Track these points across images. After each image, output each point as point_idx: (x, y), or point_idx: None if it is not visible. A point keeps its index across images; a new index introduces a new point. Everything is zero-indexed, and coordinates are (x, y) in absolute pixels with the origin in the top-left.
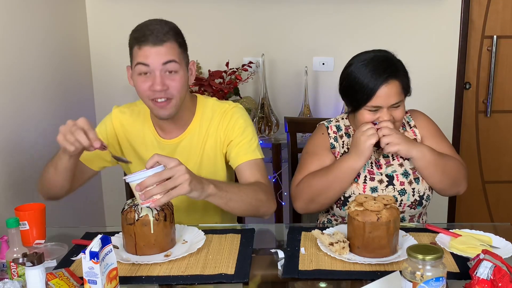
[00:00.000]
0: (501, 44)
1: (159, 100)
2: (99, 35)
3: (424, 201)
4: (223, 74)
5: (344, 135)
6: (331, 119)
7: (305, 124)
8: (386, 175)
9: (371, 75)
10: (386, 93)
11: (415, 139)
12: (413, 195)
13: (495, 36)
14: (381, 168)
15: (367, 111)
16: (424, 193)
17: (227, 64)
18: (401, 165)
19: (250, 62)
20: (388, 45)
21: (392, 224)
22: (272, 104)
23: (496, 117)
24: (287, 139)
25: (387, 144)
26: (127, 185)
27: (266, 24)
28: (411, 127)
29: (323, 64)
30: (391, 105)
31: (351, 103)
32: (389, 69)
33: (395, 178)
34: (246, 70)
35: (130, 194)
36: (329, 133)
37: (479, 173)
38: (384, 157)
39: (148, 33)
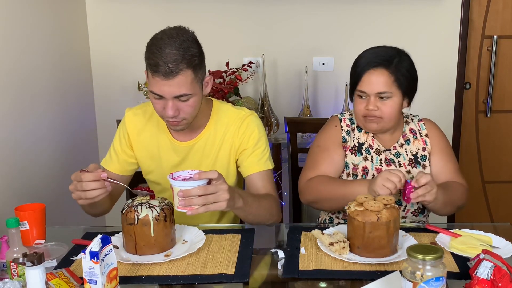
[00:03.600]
0: (501, 44)
1: (171, 120)
2: (99, 35)
3: (426, 211)
4: (223, 74)
5: (356, 129)
6: (344, 112)
7: (305, 124)
8: None
9: (365, 59)
10: (371, 79)
11: (424, 148)
12: (417, 203)
13: (495, 36)
14: (390, 165)
15: (358, 98)
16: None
17: (227, 64)
18: (408, 172)
19: (250, 62)
20: (388, 45)
21: (392, 224)
22: (272, 104)
23: (496, 117)
24: (287, 139)
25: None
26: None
27: (266, 24)
28: (421, 136)
29: (323, 64)
30: (376, 92)
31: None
32: (382, 58)
33: None
34: (246, 70)
35: (130, 194)
36: (342, 126)
37: (479, 173)
38: (391, 161)
39: (161, 63)
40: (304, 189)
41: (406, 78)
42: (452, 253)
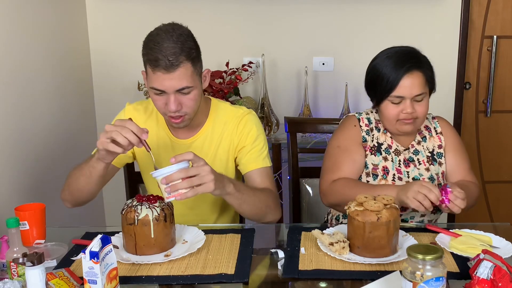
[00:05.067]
0: (501, 44)
1: (173, 115)
2: (99, 35)
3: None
4: (223, 74)
5: (374, 128)
6: (361, 112)
7: (305, 124)
8: (413, 178)
9: (395, 65)
10: (409, 82)
11: (440, 145)
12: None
13: (495, 36)
14: (408, 167)
15: (391, 104)
16: None
17: (227, 64)
18: (427, 169)
19: (250, 62)
20: (388, 45)
21: (392, 224)
22: (272, 104)
23: (496, 117)
24: (287, 139)
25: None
26: (127, 185)
27: (266, 24)
28: (437, 133)
29: (323, 64)
30: (414, 96)
31: (375, 96)
32: (413, 60)
33: None
34: (246, 70)
35: (130, 194)
36: (361, 126)
37: (479, 173)
38: (410, 161)
39: (160, 57)
40: (327, 191)
41: (432, 74)
42: (452, 253)
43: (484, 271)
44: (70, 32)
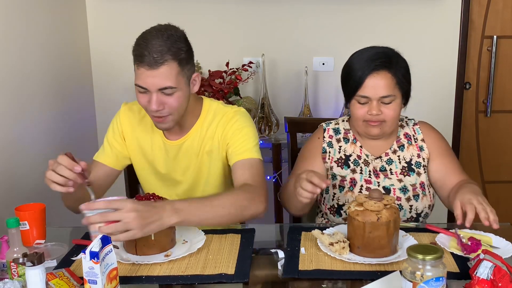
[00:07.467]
0: (501, 44)
1: (155, 114)
2: (99, 35)
3: (421, 218)
4: (223, 74)
5: (342, 139)
6: (331, 121)
7: (305, 124)
8: (383, 187)
9: (364, 63)
10: (374, 82)
11: (419, 154)
12: (410, 212)
13: (495, 36)
14: (378, 177)
15: (357, 103)
16: (422, 211)
17: (227, 64)
18: (400, 180)
19: (250, 62)
20: (388, 45)
21: (392, 224)
22: (272, 104)
23: (496, 117)
24: (287, 139)
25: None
26: (127, 185)
27: (266, 24)
28: (416, 141)
29: (323, 64)
30: (380, 97)
31: (344, 93)
32: (381, 60)
33: (392, 192)
34: (246, 70)
35: (130, 194)
36: (324, 137)
37: (479, 173)
38: (381, 170)
39: (146, 53)
40: (280, 192)
41: (406, 79)
42: (452, 253)
43: (484, 271)
44: (70, 32)
